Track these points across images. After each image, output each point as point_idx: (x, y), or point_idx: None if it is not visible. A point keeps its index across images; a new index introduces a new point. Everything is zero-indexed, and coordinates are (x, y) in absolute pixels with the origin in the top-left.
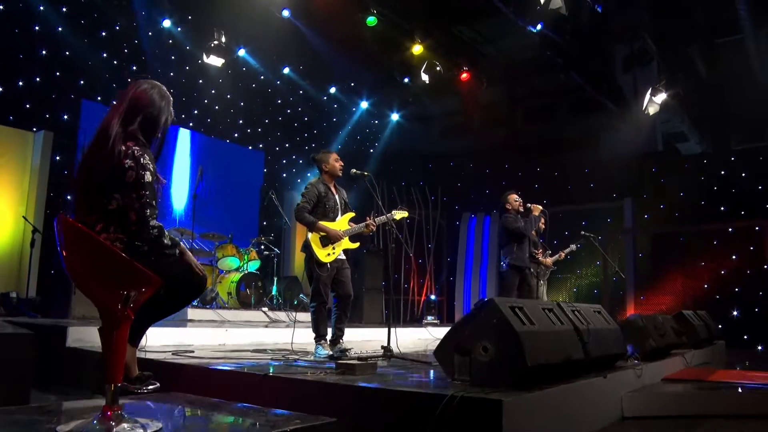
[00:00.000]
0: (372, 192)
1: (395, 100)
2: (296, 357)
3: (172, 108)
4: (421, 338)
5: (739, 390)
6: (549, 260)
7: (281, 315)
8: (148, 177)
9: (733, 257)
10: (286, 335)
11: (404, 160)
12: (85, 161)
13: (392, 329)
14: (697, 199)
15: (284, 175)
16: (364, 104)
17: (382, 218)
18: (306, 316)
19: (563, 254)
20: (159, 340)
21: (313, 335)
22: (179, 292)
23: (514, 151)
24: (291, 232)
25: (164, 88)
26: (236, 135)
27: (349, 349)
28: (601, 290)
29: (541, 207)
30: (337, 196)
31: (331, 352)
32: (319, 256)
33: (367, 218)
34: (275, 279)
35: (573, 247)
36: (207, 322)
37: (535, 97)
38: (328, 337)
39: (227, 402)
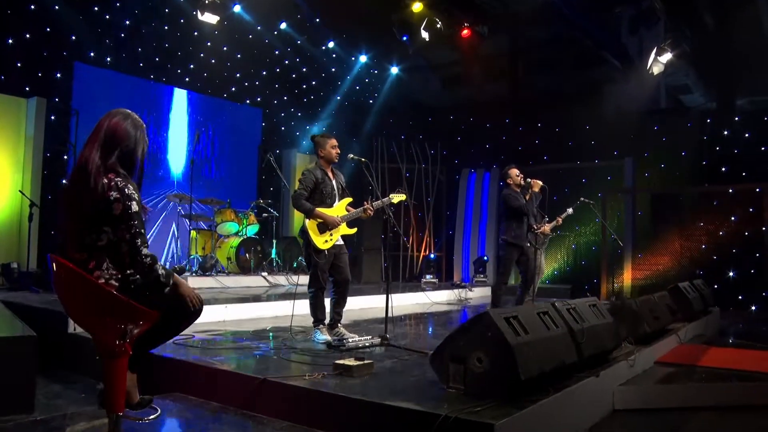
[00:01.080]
0: (369, 178)
1: (395, 53)
2: (295, 347)
3: (146, 136)
4: (419, 303)
5: (727, 382)
6: (547, 228)
7: (281, 279)
8: (134, 207)
9: (732, 219)
10: (286, 308)
11: (404, 113)
12: (68, 200)
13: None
14: (698, 159)
15: (283, 128)
16: (363, 58)
17: (380, 202)
18: (306, 279)
19: (560, 220)
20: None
21: (312, 320)
22: (175, 322)
23: (515, 105)
24: (289, 194)
25: (137, 117)
26: (233, 92)
27: (347, 338)
28: (599, 248)
29: (541, 183)
30: (334, 182)
31: (329, 338)
32: (316, 243)
33: (365, 203)
34: (274, 242)
35: (569, 211)
36: (207, 290)
37: (536, 49)
38: (327, 321)
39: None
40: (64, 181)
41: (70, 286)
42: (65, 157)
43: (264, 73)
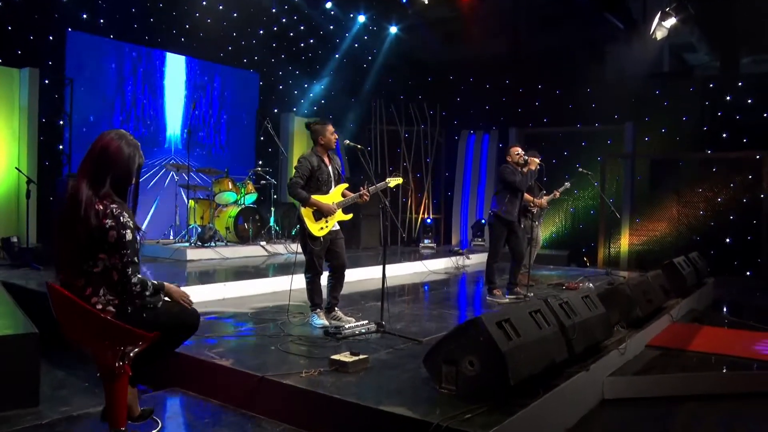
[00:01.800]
0: (365, 165)
1: (394, 12)
2: (293, 334)
3: (142, 155)
4: (417, 272)
5: (713, 371)
6: (544, 201)
7: (279, 248)
8: (129, 235)
9: (731, 185)
10: (285, 283)
11: (403, 73)
12: (62, 227)
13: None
14: (699, 124)
15: (281, 87)
16: (361, 18)
17: (377, 186)
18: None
19: (558, 193)
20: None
21: (309, 304)
22: (175, 335)
23: (515, 65)
24: (287, 162)
25: (131, 136)
26: (230, 54)
27: (343, 325)
28: (597, 212)
29: (538, 161)
30: (330, 167)
31: (326, 322)
32: (312, 230)
33: (361, 188)
34: (272, 209)
35: (567, 185)
36: (206, 261)
37: (538, 7)
38: (324, 305)
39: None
40: (65, 181)
41: (68, 312)
42: (61, 122)
43: (261, 32)
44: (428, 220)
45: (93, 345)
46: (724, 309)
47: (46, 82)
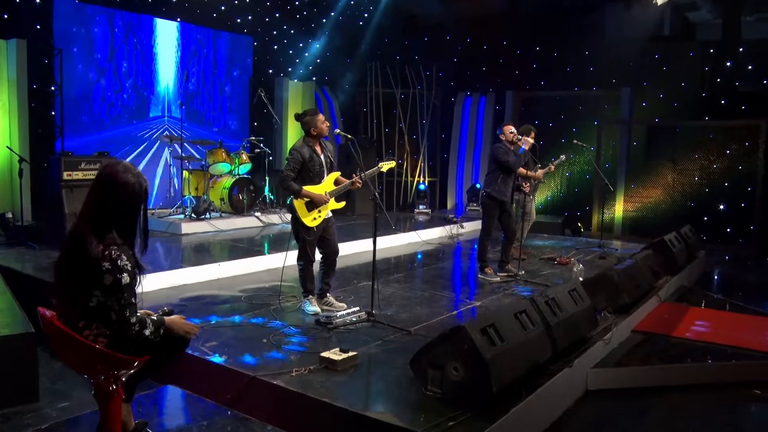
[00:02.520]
0: (355, 156)
1: None
2: (285, 323)
3: (144, 178)
4: (411, 242)
5: (693, 362)
6: (539, 173)
7: (274, 218)
8: (126, 279)
9: (728, 152)
10: (279, 260)
11: (399, 34)
12: (61, 264)
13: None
14: (698, 90)
15: (275, 47)
16: None
17: (369, 172)
18: None
19: (553, 166)
20: (155, 282)
21: (301, 290)
22: (166, 356)
23: (513, 26)
24: (282, 130)
25: (133, 167)
26: (222, 15)
27: (334, 315)
28: (593, 176)
29: (532, 140)
30: (322, 156)
31: (317, 309)
32: (305, 221)
33: (354, 175)
34: (267, 178)
35: (562, 157)
36: (201, 234)
37: None
38: (316, 291)
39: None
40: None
41: (60, 341)
42: (51, 93)
43: None
44: (422, 186)
45: (86, 371)
46: (714, 283)
47: (34, 52)
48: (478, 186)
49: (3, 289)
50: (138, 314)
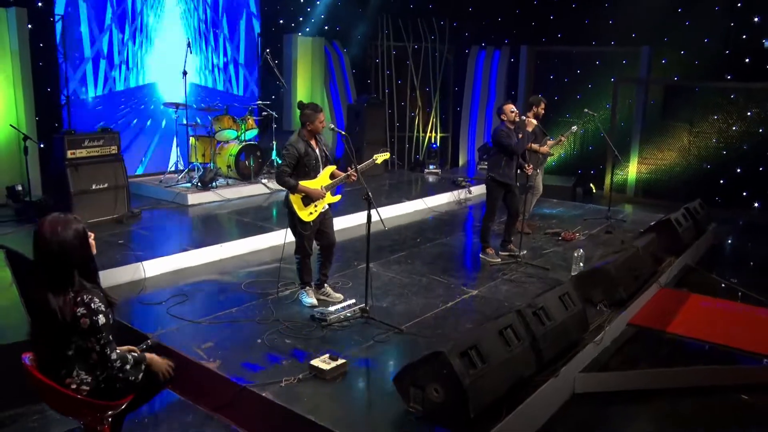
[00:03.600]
0: (349, 152)
1: None
2: (280, 320)
3: (77, 222)
4: (417, 210)
5: (682, 366)
6: (546, 148)
7: None
8: (102, 320)
9: (748, 114)
10: (281, 237)
11: None
12: (36, 316)
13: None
14: (721, 47)
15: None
16: None
17: (364, 165)
18: None
19: (563, 139)
20: (158, 267)
21: (299, 282)
22: (150, 394)
23: None
24: (290, 92)
25: (68, 216)
26: None
27: (329, 312)
28: (607, 134)
29: (535, 122)
30: (317, 150)
31: (314, 300)
32: (301, 216)
33: (349, 168)
34: (274, 143)
35: (574, 128)
36: (207, 204)
37: None
38: (314, 282)
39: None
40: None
41: (44, 392)
42: (56, 62)
43: None
44: (434, 145)
45: (72, 415)
46: (721, 259)
47: (35, 19)
48: (490, 145)
49: (10, 283)
50: (118, 351)
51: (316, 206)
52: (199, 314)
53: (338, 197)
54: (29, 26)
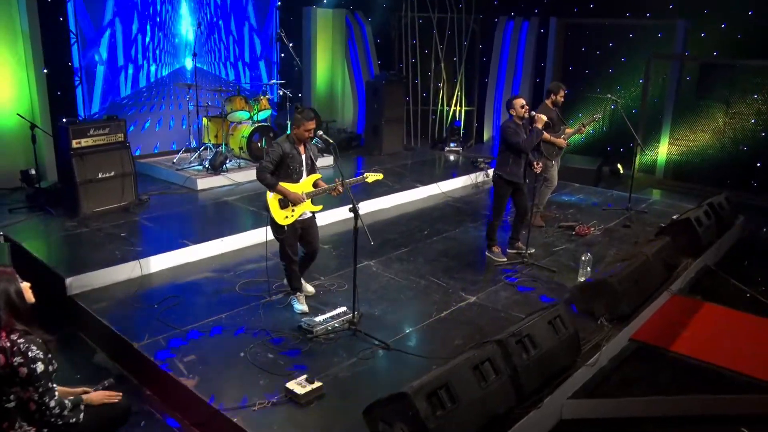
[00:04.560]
0: (335, 162)
1: None
2: (265, 329)
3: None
4: (431, 195)
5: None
6: (562, 140)
7: None
8: (40, 367)
9: None
10: None
11: None
12: None
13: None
14: (766, 22)
15: None
16: None
17: (351, 180)
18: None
19: (584, 128)
20: (155, 263)
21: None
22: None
23: None
24: (310, 67)
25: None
26: None
27: (317, 324)
28: (639, 111)
29: (545, 118)
30: (303, 156)
31: (305, 308)
32: (276, 218)
33: (336, 180)
34: (289, 123)
35: (597, 116)
36: (218, 189)
37: None
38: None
39: None
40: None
41: None
42: (68, 43)
43: None
44: (457, 122)
45: None
46: (745, 257)
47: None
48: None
49: None
50: (56, 397)
51: (293, 211)
52: (188, 319)
53: (320, 207)
54: (41, 4)
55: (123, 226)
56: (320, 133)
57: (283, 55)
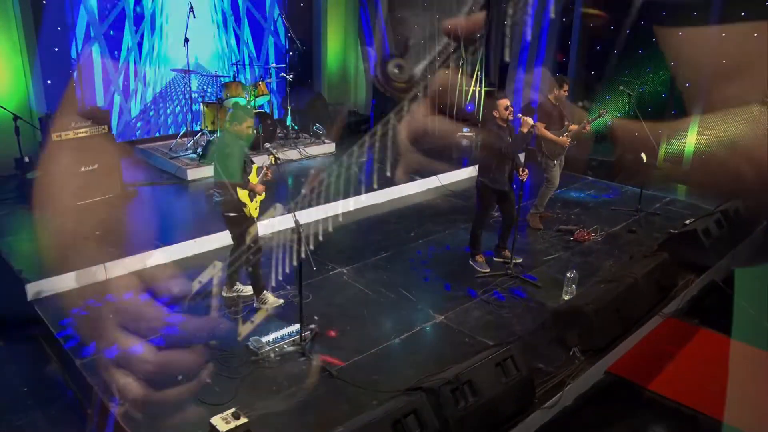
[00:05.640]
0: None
1: None
2: (219, 348)
3: None
4: (431, 188)
5: None
6: (565, 138)
7: (292, 153)
8: None
9: None
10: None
11: None
12: None
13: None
14: None
15: None
16: None
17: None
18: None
19: (588, 125)
20: (125, 266)
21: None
22: None
23: None
24: (319, 53)
25: None
26: None
27: (265, 345)
28: (668, 95)
29: (531, 122)
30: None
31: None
32: (252, 211)
33: (264, 167)
34: (289, 108)
35: (604, 111)
36: (208, 179)
37: None
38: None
39: None
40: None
41: None
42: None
43: None
44: (469, 107)
45: None
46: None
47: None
48: (533, 106)
49: None
50: None
51: (257, 201)
52: (147, 328)
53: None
54: None
55: (100, 224)
56: (267, 144)
57: (290, 34)
